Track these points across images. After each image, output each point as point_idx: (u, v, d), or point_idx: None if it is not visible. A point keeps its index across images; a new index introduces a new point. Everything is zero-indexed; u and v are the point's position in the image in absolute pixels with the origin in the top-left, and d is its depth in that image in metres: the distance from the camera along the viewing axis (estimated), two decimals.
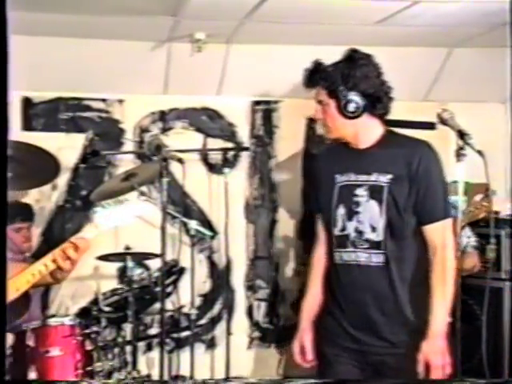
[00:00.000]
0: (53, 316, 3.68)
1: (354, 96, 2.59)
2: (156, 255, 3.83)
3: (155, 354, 4.18)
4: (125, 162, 4.32)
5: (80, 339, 3.39)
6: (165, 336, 3.67)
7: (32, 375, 3.22)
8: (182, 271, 4.23)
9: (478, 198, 3.55)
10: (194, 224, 4.10)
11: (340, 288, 2.71)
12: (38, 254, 4.00)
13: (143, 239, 4.00)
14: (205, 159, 4.44)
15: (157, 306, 4.11)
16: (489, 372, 3.15)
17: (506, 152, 3.44)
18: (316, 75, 2.67)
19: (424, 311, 2.56)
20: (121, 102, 4.34)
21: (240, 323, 4.39)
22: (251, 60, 4.13)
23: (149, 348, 4.25)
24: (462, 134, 2.46)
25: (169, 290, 4.14)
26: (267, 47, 4.07)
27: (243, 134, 4.47)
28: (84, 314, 3.76)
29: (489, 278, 3.50)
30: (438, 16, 3.58)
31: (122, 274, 4.08)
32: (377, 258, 2.60)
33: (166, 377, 3.69)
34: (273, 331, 4.42)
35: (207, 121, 4.43)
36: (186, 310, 4.22)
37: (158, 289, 3.89)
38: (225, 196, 4.24)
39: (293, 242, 4.47)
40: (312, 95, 4.30)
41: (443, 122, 2.52)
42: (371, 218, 2.60)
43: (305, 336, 2.77)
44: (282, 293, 4.46)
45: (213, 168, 4.43)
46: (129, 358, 3.69)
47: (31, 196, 4.20)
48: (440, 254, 2.55)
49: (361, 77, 2.59)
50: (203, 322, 4.36)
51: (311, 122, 4.47)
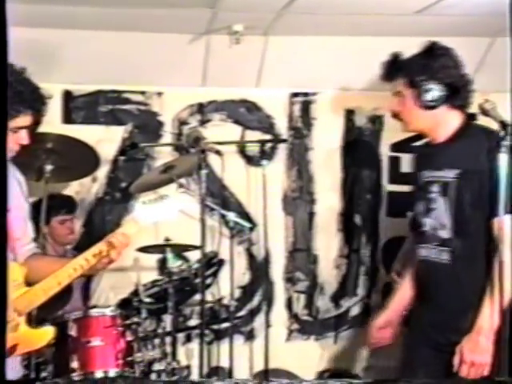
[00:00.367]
0: (94, 307, 3.73)
1: (432, 86, 2.59)
2: (195, 247, 3.86)
3: (194, 345, 4.21)
4: (163, 155, 4.35)
5: (121, 330, 3.43)
6: (204, 327, 3.69)
7: (74, 364, 3.28)
8: (221, 263, 4.25)
9: None
10: (232, 216, 4.12)
11: (419, 282, 2.75)
12: (80, 245, 4.08)
13: (183, 231, 4.02)
14: (242, 151, 4.45)
15: (196, 297, 4.15)
16: None
17: None
18: (394, 67, 2.68)
19: None
20: (160, 94, 4.37)
21: (279, 315, 4.40)
22: (289, 52, 4.13)
23: (188, 339, 4.28)
24: (503, 125, 2.44)
25: (208, 281, 4.16)
26: (305, 38, 4.05)
27: (281, 126, 4.47)
28: (125, 304, 3.80)
29: None
30: (477, 5, 3.54)
31: (162, 265, 4.11)
32: (445, 256, 2.61)
33: (205, 368, 3.71)
34: (312, 323, 4.42)
35: (245, 113, 4.44)
36: (225, 301, 4.24)
37: (197, 280, 3.92)
38: (263, 188, 4.24)
39: (332, 234, 4.47)
40: (353, 87, 4.35)
41: (485, 112, 2.50)
42: (442, 215, 2.61)
43: (392, 316, 2.88)
44: (320, 285, 4.45)
45: (251, 160, 4.44)
46: (168, 348, 3.72)
47: (72, 188, 4.25)
48: (503, 250, 2.50)
49: (439, 67, 2.60)
50: (242, 313, 4.38)
51: (349, 113, 4.47)
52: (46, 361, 3.33)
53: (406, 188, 4.37)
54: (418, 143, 3.21)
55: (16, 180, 2.66)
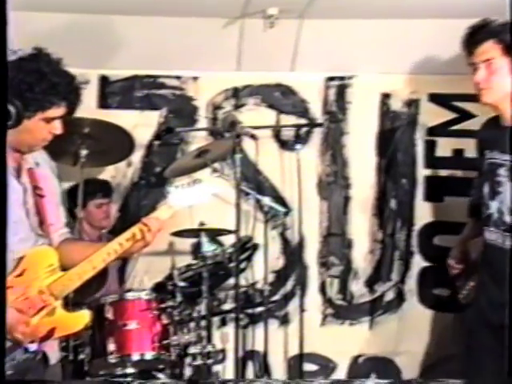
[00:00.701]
0: (129, 290, 3.76)
1: None
2: (230, 231, 3.87)
3: (229, 329, 4.23)
4: (198, 139, 4.35)
5: (156, 313, 3.45)
6: (239, 311, 3.70)
7: (111, 347, 3.32)
8: (255, 247, 4.25)
9: None
10: (267, 200, 4.12)
11: (483, 264, 2.72)
12: (115, 230, 4.11)
13: (217, 215, 4.04)
14: (277, 136, 4.42)
15: (230, 281, 4.17)
16: None
17: None
18: (484, 30, 2.63)
19: None
20: (195, 79, 4.37)
21: (313, 300, 4.38)
22: (324, 35, 4.08)
23: (223, 323, 4.30)
24: None
25: (242, 266, 4.16)
26: (340, 21, 4.01)
27: (316, 110, 4.43)
28: (160, 288, 3.82)
29: None
30: None
31: (197, 249, 4.13)
32: (508, 241, 2.58)
33: (240, 352, 3.73)
34: (346, 308, 4.40)
35: (280, 97, 4.41)
36: (259, 286, 4.25)
37: (231, 265, 3.93)
38: (297, 173, 4.23)
39: (366, 218, 4.44)
40: (389, 70, 4.29)
41: None
42: (508, 199, 2.57)
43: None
44: (355, 270, 4.42)
45: (285, 145, 4.41)
46: (203, 332, 3.73)
47: (107, 173, 4.29)
48: None
49: None
50: (276, 298, 4.37)
51: (385, 97, 4.42)
52: (83, 343, 3.37)
53: (442, 172, 4.37)
54: (480, 127, 3.17)
55: (48, 166, 2.68)
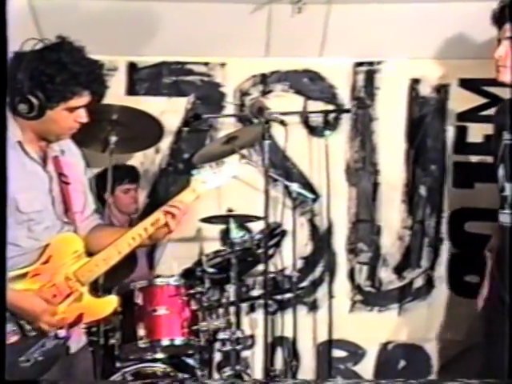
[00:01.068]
0: (158, 276, 3.76)
1: None
2: (258, 217, 3.85)
3: (258, 315, 4.23)
4: (226, 126, 4.34)
5: (185, 299, 3.46)
6: (268, 298, 3.70)
7: (141, 332, 3.33)
8: (283, 234, 4.23)
9: None
10: (295, 187, 4.09)
11: (498, 249, 2.70)
12: (144, 216, 4.10)
13: (245, 202, 4.04)
14: (305, 122, 4.39)
15: (259, 268, 4.16)
16: None
17: None
18: (507, 11, 2.61)
19: None
20: (223, 65, 4.35)
21: (342, 286, 4.36)
22: (353, 20, 4.03)
23: (252, 309, 4.30)
24: None
25: (271, 252, 4.15)
26: (369, 6, 3.95)
27: (344, 96, 4.39)
28: (188, 274, 3.82)
29: None
30: None
31: (225, 236, 4.13)
32: None
33: (269, 338, 3.73)
34: (375, 295, 4.38)
35: (308, 83, 4.38)
36: (287, 272, 4.23)
37: (260, 251, 3.92)
38: (326, 159, 4.20)
39: (395, 205, 4.40)
40: (418, 55, 4.24)
41: None
42: None
43: None
44: (383, 256, 4.39)
45: (313, 131, 4.38)
46: (232, 318, 3.73)
47: (136, 159, 4.29)
48: None
49: None
50: (305, 284, 4.36)
51: (414, 82, 4.37)
52: (113, 328, 3.39)
53: (473, 158, 4.31)
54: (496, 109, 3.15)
55: (74, 153, 2.67)
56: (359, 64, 4.39)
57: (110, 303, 2.59)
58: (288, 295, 4.15)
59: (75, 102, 2.41)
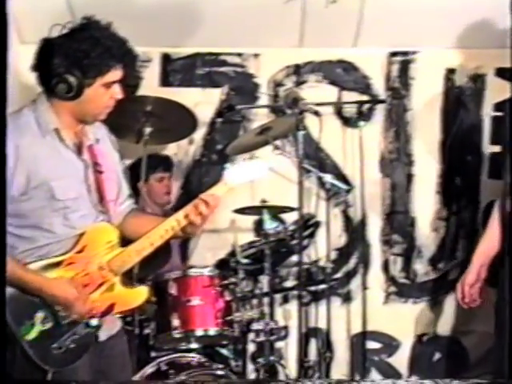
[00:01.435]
0: (192, 267, 3.76)
1: None
2: (292, 208, 3.83)
3: (291, 306, 4.21)
4: (259, 116, 4.32)
5: (219, 290, 3.46)
6: (302, 289, 3.68)
7: (175, 322, 3.33)
8: (317, 225, 4.20)
9: None
10: (329, 178, 4.06)
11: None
12: (178, 207, 4.11)
13: (278, 193, 4.02)
14: (339, 113, 4.36)
15: (292, 259, 4.14)
16: None
17: None
18: None
19: None
20: (256, 56, 4.33)
21: (376, 278, 4.33)
22: (387, 9, 3.97)
23: (285, 300, 4.29)
24: None
25: (304, 243, 4.12)
26: None
27: (378, 87, 4.35)
28: (222, 265, 3.82)
29: None
30: None
31: (259, 226, 4.12)
32: None
33: (303, 329, 3.71)
34: (409, 287, 4.33)
35: (342, 73, 4.34)
36: (321, 263, 4.21)
37: (293, 242, 3.90)
38: (359, 150, 4.18)
39: (430, 196, 4.34)
40: (454, 45, 4.17)
41: None
42: None
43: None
44: (418, 248, 4.35)
45: (347, 121, 4.35)
46: (266, 309, 3.73)
47: (169, 150, 4.29)
48: None
49: None
50: (339, 275, 4.33)
51: (450, 72, 4.30)
52: (148, 318, 3.40)
53: None
54: None
55: (109, 141, 2.68)
56: (394, 54, 4.34)
57: (140, 294, 2.58)
58: (322, 286, 4.11)
59: (111, 76, 2.42)
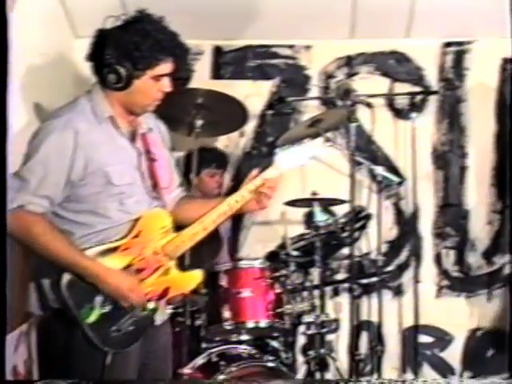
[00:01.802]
0: (243, 259, 3.76)
1: None
2: (343, 201, 3.79)
3: (342, 298, 4.19)
4: (310, 109, 4.28)
5: (269, 282, 3.45)
6: (354, 281, 3.64)
7: (226, 314, 3.34)
8: (368, 217, 4.15)
9: None
10: (380, 170, 4.00)
11: None
12: None
13: (329, 185, 3.98)
14: (391, 104, 4.29)
15: (343, 251, 4.10)
16: None
17: None
18: None
19: None
20: (307, 48, 4.30)
21: (428, 271, 4.26)
22: None
23: (335, 293, 4.26)
24: None
25: (355, 236, 4.07)
26: None
27: (431, 78, 4.27)
28: (272, 257, 3.80)
29: None
30: None
31: (309, 219, 4.09)
32: None
33: (355, 321, 3.68)
34: (463, 280, 4.25)
35: (394, 65, 4.28)
36: (372, 256, 4.16)
37: (344, 235, 3.86)
38: (412, 142, 4.11)
39: (484, 189, 4.25)
40: (508, 34, 4.06)
41: None
42: None
43: None
44: (471, 241, 4.26)
45: (399, 113, 4.28)
46: (317, 301, 3.69)
47: (220, 142, 4.28)
48: None
49: None
50: (390, 268, 4.28)
51: (506, 62, 4.20)
52: (199, 309, 3.41)
53: None
54: None
55: (159, 131, 2.72)
56: (448, 44, 4.26)
57: (195, 278, 2.63)
58: (373, 279, 4.06)
59: (160, 70, 2.45)
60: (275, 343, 3.64)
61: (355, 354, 3.65)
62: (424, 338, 4.19)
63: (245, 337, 3.45)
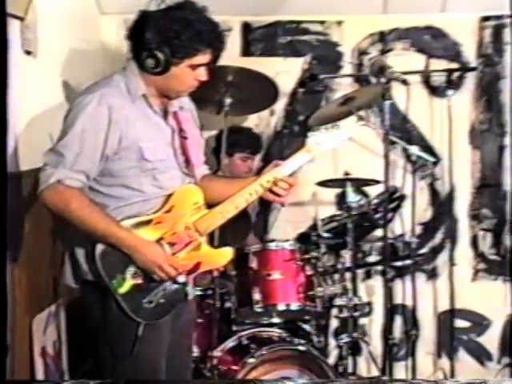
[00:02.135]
0: (273, 240, 3.77)
1: None
2: (376, 181, 3.78)
3: (374, 281, 4.20)
4: (342, 86, 4.25)
5: (300, 264, 3.46)
6: (387, 264, 3.64)
7: (256, 296, 3.36)
8: (402, 198, 4.13)
9: None
10: (415, 150, 3.97)
11: None
12: None
13: (362, 165, 3.98)
14: (427, 82, 4.25)
15: (376, 233, 4.10)
16: None
17: None
18: None
19: None
20: (339, 23, 4.26)
21: (463, 254, 4.24)
22: None
23: (368, 276, 4.26)
24: None
25: (388, 217, 4.07)
26: None
27: (469, 54, 4.22)
28: (303, 239, 3.81)
29: None
30: None
31: (341, 200, 4.08)
32: None
33: (388, 305, 3.68)
34: (500, 264, 4.22)
35: (430, 40, 4.22)
36: (406, 238, 4.15)
37: (377, 216, 3.85)
38: (448, 120, 4.07)
39: None
40: None
41: None
42: None
43: None
44: (510, 223, 4.22)
45: (435, 91, 4.24)
46: (349, 284, 3.70)
47: (250, 121, 4.27)
48: None
49: None
50: (424, 251, 4.26)
51: None
52: (229, 292, 3.43)
53: None
54: None
55: (189, 109, 2.78)
56: (486, 18, 4.19)
57: (226, 254, 2.67)
58: (406, 262, 4.05)
59: (198, 60, 2.51)
60: (307, 326, 3.65)
61: (389, 338, 3.64)
62: (460, 323, 4.18)
63: (275, 320, 3.47)
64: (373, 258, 4.26)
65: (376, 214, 3.87)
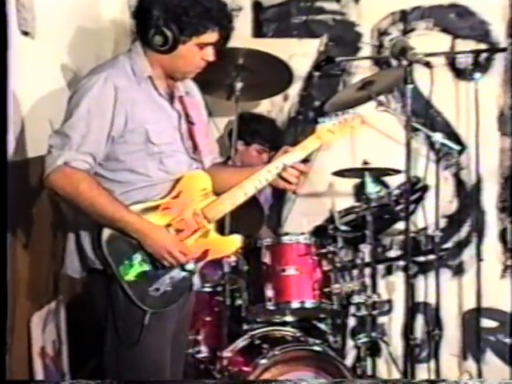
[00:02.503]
0: (286, 234, 3.77)
1: None
2: (397, 171, 3.77)
3: (395, 278, 4.20)
4: (361, 69, 4.26)
5: (316, 259, 3.46)
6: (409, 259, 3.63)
7: (269, 293, 3.36)
8: (425, 189, 4.13)
9: None
10: (439, 137, 3.95)
11: None
12: None
13: (382, 154, 3.98)
14: (452, 64, 4.24)
15: (397, 226, 4.09)
16: None
17: None
18: None
19: None
20: (357, 1, 4.25)
21: (491, 248, 4.24)
22: None
23: (388, 271, 4.26)
24: None
25: (411, 209, 4.06)
26: None
27: (498, 33, 4.20)
28: (319, 232, 3.81)
29: None
30: None
31: (360, 190, 4.08)
32: None
33: (410, 303, 3.68)
34: None
35: (455, 19, 4.21)
36: (429, 231, 4.13)
37: (398, 208, 3.84)
38: (475, 105, 4.08)
39: None
40: None
41: None
42: None
43: None
44: None
45: (461, 74, 4.23)
46: (368, 280, 3.70)
47: (263, 106, 4.28)
48: None
49: None
50: (449, 245, 4.27)
51: None
52: (240, 288, 3.44)
53: None
54: None
55: (197, 96, 2.86)
56: None
57: (234, 242, 2.76)
58: (430, 257, 4.04)
59: (206, 38, 2.58)
60: (322, 325, 3.66)
61: (410, 338, 3.63)
62: (487, 322, 4.18)
63: (289, 318, 3.48)
64: (393, 253, 4.27)
65: (397, 206, 3.85)
